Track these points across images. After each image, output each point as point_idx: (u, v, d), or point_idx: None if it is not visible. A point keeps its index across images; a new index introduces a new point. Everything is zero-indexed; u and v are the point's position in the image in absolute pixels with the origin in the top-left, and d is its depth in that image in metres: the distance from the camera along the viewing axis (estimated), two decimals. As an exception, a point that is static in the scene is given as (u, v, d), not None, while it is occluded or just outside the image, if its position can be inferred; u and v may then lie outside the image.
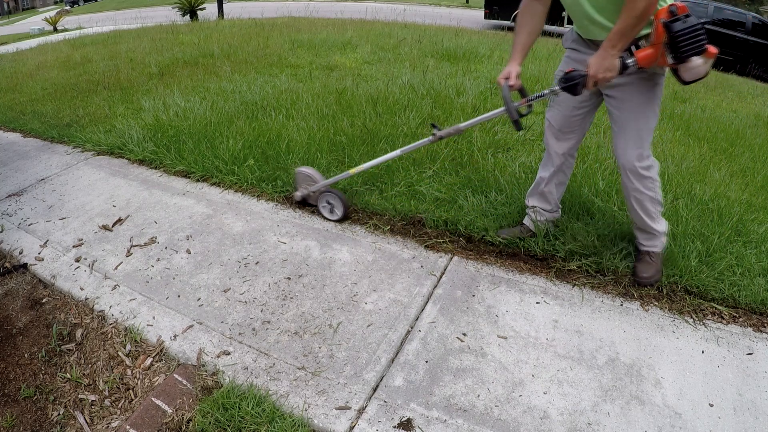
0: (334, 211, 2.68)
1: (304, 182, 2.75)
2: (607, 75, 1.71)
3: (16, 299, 2.35)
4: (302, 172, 2.74)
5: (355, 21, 10.90)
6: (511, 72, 1.97)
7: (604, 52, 1.69)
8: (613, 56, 1.68)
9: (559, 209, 2.41)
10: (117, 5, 29.81)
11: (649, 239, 2.16)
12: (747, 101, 5.94)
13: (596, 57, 1.72)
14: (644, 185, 1.99)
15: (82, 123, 4.29)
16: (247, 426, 1.60)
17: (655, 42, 1.68)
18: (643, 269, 2.14)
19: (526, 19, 1.99)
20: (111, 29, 11.46)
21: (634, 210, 2.08)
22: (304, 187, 2.75)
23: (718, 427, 1.58)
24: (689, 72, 1.65)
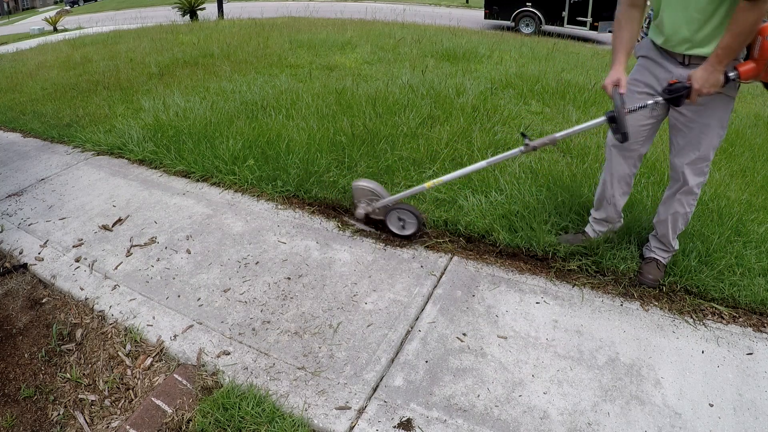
0: (406, 226, 2.49)
1: (365, 197, 2.49)
2: (711, 89, 1.71)
3: (16, 299, 2.35)
4: (362, 186, 2.47)
5: (354, 21, 10.90)
6: (620, 78, 1.89)
7: (711, 66, 1.69)
8: (719, 71, 1.69)
9: (621, 219, 2.38)
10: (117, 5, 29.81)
11: (662, 251, 2.19)
12: (747, 101, 5.93)
13: (702, 71, 1.71)
14: (688, 201, 2.03)
15: (82, 123, 4.29)
16: (247, 426, 1.60)
17: (758, 58, 1.68)
18: (650, 271, 2.17)
19: (626, 25, 1.96)
20: (111, 29, 11.46)
21: (665, 223, 2.10)
22: (365, 202, 2.50)
23: (718, 427, 1.58)
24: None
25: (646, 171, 3.02)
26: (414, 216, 2.43)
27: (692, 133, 1.91)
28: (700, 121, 1.87)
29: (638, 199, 2.62)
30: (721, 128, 1.89)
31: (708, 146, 1.90)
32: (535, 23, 13.85)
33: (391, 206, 2.47)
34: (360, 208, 2.51)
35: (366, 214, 2.52)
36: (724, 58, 1.67)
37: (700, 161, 1.93)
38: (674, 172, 2.02)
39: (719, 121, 1.87)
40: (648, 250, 2.23)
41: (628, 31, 1.96)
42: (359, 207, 2.51)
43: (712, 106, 1.84)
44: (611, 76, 1.91)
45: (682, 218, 2.08)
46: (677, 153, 1.98)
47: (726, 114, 1.87)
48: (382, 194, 2.46)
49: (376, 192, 2.45)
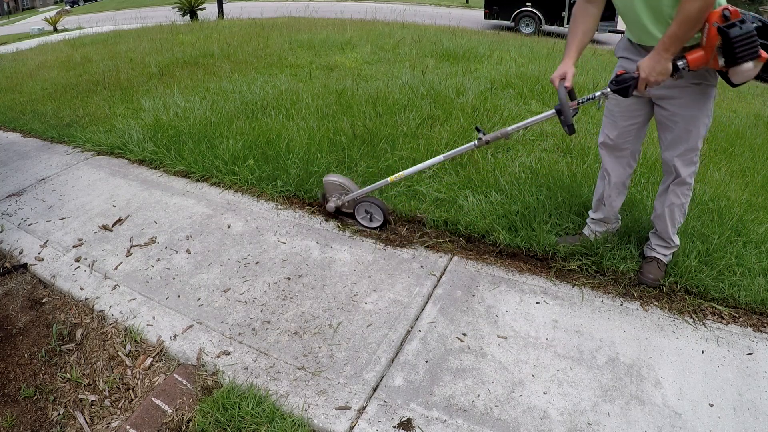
0: (373, 218, 2.59)
1: (335, 191, 2.60)
2: (659, 78, 1.71)
3: (16, 299, 2.35)
4: (332, 181, 2.58)
5: (354, 21, 10.90)
6: (567, 72, 1.91)
7: (657, 55, 1.69)
8: (666, 60, 1.68)
9: (619, 220, 2.39)
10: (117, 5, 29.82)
11: (663, 248, 2.18)
12: (747, 101, 5.94)
13: (648, 60, 1.72)
14: (682, 192, 2.03)
15: (82, 123, 4.29)
16: (247, 426, 1.60)
17: (706, 45, 1.67)
18: (650, 270, 2.16)
19: (581, 20, 1.98)
20: (111, 29, 11.46)
21: (662, 217, 2.10)
22: (336, 196, 2.61)
23: (718, 427, 1.58)
24: (739, 75, 1.66)
25: (646, 171, 3.02)
26: (380, 208, 2.54)
27: (677, 127, 1.91)
28: (684, 113, 1.87)
29: (638, 199, 2.63)
30: (706, 117, 1.89)
31: (695, 137, 1.90)
32: (535, 23, 13.86)
33: (359, 199, 2.57)
34: (331, 202, 2.63)
35: (336, 207, 2.64)
36: (670, 46, 1.66)
37: (689, 152, 1.94)
38: (666, 166, 2.03)
39: (702, 111, 1.87)
40: (649, 249, 2.23)
41: (582, 26, 1.98)
42: (330, 201, 2.64)
43: (693, 97, 1.84)
44: (559, 70, 1.93)
45: (678, 210, 2.07)
46: (666, 147, 1.99)
47: (709, 102, 1.87)
48: (352, 188, 2.57)
49: (345, 186, 2.58)
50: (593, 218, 2.35)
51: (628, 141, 2.10)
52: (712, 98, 1.87)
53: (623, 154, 2.14)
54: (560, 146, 3.46)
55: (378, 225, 2.60)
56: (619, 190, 2.23)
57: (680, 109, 1.87)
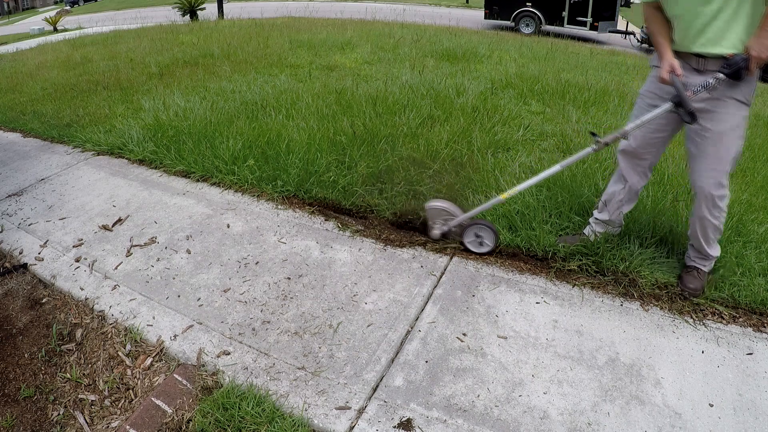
0: (484, 243, 2.40)
1: (439, 217, 2.44)
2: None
3: (16, 299, 2.35)
4: (435, 206, 2.42)
5: (354, 21, 10.90)
6: (674, 64, 1.88)
7: (763, 32, 1.71)
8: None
9: (621, 225, 2.38)
10: (117, 5, 29.82)
11: (700, 258, 2.17)
12: (747, 101, 5.92)
13: (756, 39, 1.73)
14: (713, 214, 2.00)
15: (82, 123, 4.29)
16: (247, 426, 1.60)
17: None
18: (690, 281, 2.14)
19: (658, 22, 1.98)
20: (111, 29, 11.46)
21: (695, 233, 2.09)
22: (441, 221, 2.45)
23: (718, 427, 1.58)
24: None
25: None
26: (491, 232, 2.36)
27: (707, 143, 1.90)
28: (714, 129, 1.87)
29: (638, 200, 2.62)
30: (738, 138, 1.88)
31: (725, 156, 1.89)
32: (535, 23, 13.86)
33: (467, 223, 2.40)
34: (436, 229, 2.47)
35: (442, 233, 2.47)
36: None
37: (717, 173, 1.92)
38: (694, 187, 2.01)
39: (734, 129, 1.86)
40: (688, 259, 2.21)
41: (662, 27, 1.97)
42: (435, 228, 2.47)
43: (726, 114, 1.84)
44: (665, 66, 1.89)
45: (711, 230, 2.05)
46: (694, 162, 1.97)
47: (740, 121, 1.86)
48: (456, 213, 2.40)
49: (449, 211, 2.41)
50: (597, 219, 2.34)
51: (649, 152, 2.10)
52: (743, 119, 1.87)
53: (642, 164, 2.14)
54: (560, 146, 3.46)
55: (489, 250, 2.41)
56: (631, 197, 2.23)
57: (711, 123, 1.87)
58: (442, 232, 2.47)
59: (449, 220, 2.43)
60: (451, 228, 2.44)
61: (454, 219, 2.41)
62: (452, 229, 2.44)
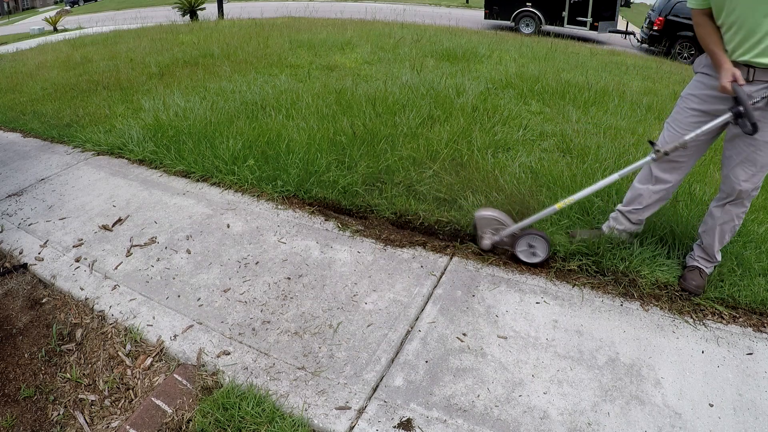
0: (536, 253, 2.32)
1: (489, 226, 2.35)
2: None
3: (16, 299, 2.35)
4: (485, 216, 2.34)
5: (354, 21, 10.91)
6: (736, 73, 1.83)
7: None
8: None
9: (642, 225, 2.36)
10: (117, 5, 29.82)
11: (705, 259, 2.18)
12: (747, 101, 5.92)
13: None
14: (737, 214, 2.04)
15: (82, 123, 4.29)
16: (247, 426, 1.60)
17: None
18: (693, 278, 2.15)
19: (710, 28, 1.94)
20: (111, 29, 11.46)
21: (711, 233, 2.10)
22: (491, 231, 2.36)
23: (718, 427, 1.58)
24: None
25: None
26: (545, 241, 2.28)
27: (753, 150, 1.89)
28: (762, 138, 1.85)
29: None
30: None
31: (765, 161, 1.89)
32: (535, 23, 13.87)
33: (519, 234, 2.31)
34: (486, 239, 2.38)
35: (493, 244, 2.39)
36: None
37: (757, 178, 1.93)
38: (728, 185, 2.00)
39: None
40: (691, 259, 2.21)
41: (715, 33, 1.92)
42: (485, 237, 2.38)
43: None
44: (726, 75, 1.84)
45: (729, 231, 2.07)
46: (733, 167, 1.96)
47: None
48: (507, 222, 2.32)
49: (500, 220, 2.33)
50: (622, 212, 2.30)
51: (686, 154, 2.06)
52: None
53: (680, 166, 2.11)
54: (560, 146, 3.47)
55: (540, 260, 2.33)
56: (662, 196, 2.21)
57: (760, 133, 1.84)
58: (494, 243, 2.37)
59: (500, 230, 2.34)
60: (503, 238, 2.34)
61: (505, 228, 2.32)
62: (504, 239, 2.35)
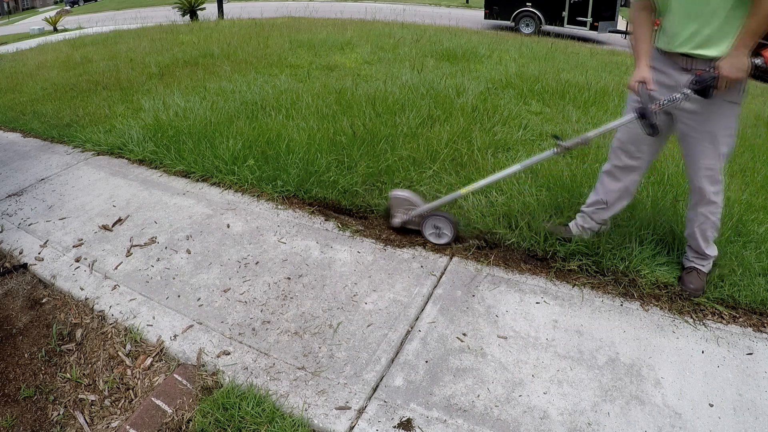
0: (442, 234, 2.47)
1: (402, 206, 2.52)
2: (738, 75, 1.73)
3: (16, 299, 2.35)
4: (399, 196, 2.51)
5: (354, 21, 10.90)
6: (646, 78, 1.94)
7: (736, 51, 1.72)
8: (744, 55, 1.71)
9: (608, 224, 2.39)
10: (117, 5, 29.82)
11: (699, 259, 2.18)
12: (747, 101, 5.93)
13: (727, 58, 1.74)
14: (710, 211, 2.03)
15: (82, 123, 4.29)
16: (247, 426, 1.60)
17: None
18: (691, 281, 2.15)
19: (644, 26, 2.02)
20: (111, 29, 11.46)
21: (693, 235, 2.11)
22: (402, 211, 2.52)
23: (718, 427, 1.58)
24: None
25: (647, 171, 3.02)
26: (450, 223, 2.42)
27: (698, 143, 1.93)
28: (704, 129, 1.89)
29: (638, 200, 2.62)
30: (728, 136, 1.90)
31: (715, 154, 1.91)
32: (535, 23, 13.86)
33: (426, 214, 2.46)
34: (397, 217, 2.54)
35: (402, 222, 2.54)
36: (749, 42, 1.70)
37: (710, 170, 1.95)
38: (691, 185, 2.04)
39: (724, 128, 1.88)
40: (687, 260, 2.21)
41: (645, 33, 2.01)
42: (396, 216, 2.53)
43: (715, 113, 1.85)
44: (636, 76, 1.95)
45: (710, 228, 2.08)
46: (689, 164, 2.01)
47: (731, 121, 1.88)
48: (418, 203, 2.47)
49: (411, 201, 2.48)
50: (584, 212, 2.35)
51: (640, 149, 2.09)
52: (733, 117, 1.88)
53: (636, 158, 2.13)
54: (560, 146, 3.46)
55: (447, 241, 2.46)
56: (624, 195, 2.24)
57: (700, 124, 1.89)
58: (403, 221, 2.53)
59: (411, 210, 2.50)
60: (412, 218, 2.50)
61: (415, 209, 2.48)
62: (413, 218, 2.51)
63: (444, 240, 2.47)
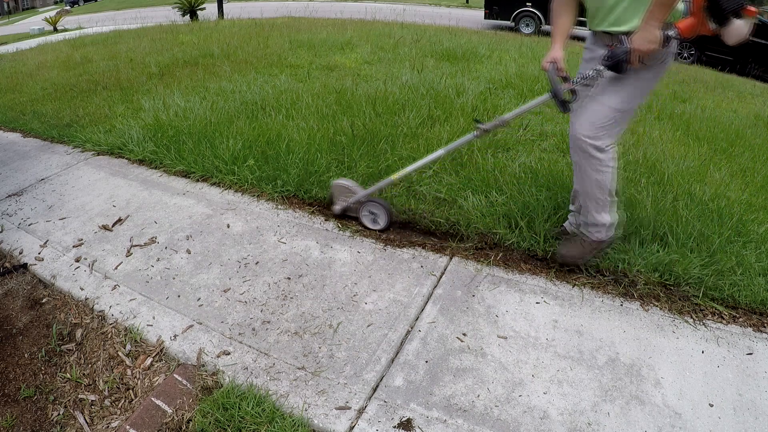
0: (377, 220, 2.59)
1: (342, 194, 2.65)
2: (650, 47, 1.73)
3: (16, 299, 2.35)
4: (339, 184, 2.64)
5: (354, 21, 10.90)
6: (557, 57, 2.01)
7: (646, 24, 1.72)
8: (654, 27, 1.71)
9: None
10: (117, 5, 29.82)
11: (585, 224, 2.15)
12: (747, 101, 5.93)
13: (638, 31, 1.75)
14: (591, 164, 1.97)
15: (82, 123, 4.29)
16: (247, 426, 1.60)
17: (695, 11, 1.72)
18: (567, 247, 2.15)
19: (562, 12, 2.07)
20: (111, 29, 11.46)
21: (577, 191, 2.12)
22: (342, 199, 2.65)
23: (718, 427, 1.58)
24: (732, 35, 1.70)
25: (646, 171, 3.03)
26: (384, 209, 2.55)
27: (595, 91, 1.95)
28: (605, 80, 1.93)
29: (638, 200, 2.63)
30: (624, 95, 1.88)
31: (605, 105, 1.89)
32: (535, 23, 13.85)
33: (363, 200, 2.59)
34: (337, 204, 2.69)
35: (342, 209, 2.68)
36: (658, 13, 1.69)
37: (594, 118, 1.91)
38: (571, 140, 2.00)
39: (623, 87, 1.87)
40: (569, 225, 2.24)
41: (563, 18, 2.09)
42: (337, 203, 2.69)
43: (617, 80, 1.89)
44: (548, 57, 2.04)
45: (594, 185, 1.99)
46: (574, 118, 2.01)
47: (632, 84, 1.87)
48: (357, 191, 2.60)
49: (351, 189, 2.62)
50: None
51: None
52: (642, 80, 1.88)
53: None
54: (560, 146, 3.46)
55: (382, 227, 2.58)
56: None
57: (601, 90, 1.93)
58: (343, 208, 2.67)
59: (350, 198, 2.62)
60: (350, 204, 2.63)
61: (354, 196, 2.60)
62: (351, 205, 2.64)
63: (379, 225, 2.59)
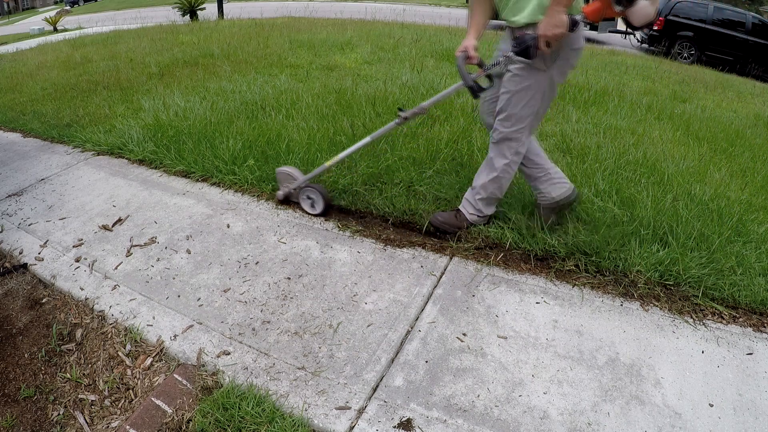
0: (314, 205, 2.72)
1: (286, 181, 2.78)
2: (556, 31, 1.77)
3: (16, 299, 2.35)
4: (282, 171, 2.78)
5: (354, 21, 10.90)
6: (468, 46, 2.15)
7: (551, 10, 1.77)
8: (559, 12, 1.75)
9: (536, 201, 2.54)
10: (117, 5, 29.81)
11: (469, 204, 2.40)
12: (747, 101, 5.94)
13: (545, 17, 1.79)
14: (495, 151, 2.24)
15: (82, 123, 4.28)
16: (247, 426, 1.60)
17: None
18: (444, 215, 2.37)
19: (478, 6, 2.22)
20: (111, 29, 11.46)
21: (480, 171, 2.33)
22: (285, 185, 2.79)
23: (718, 427, 1.58)
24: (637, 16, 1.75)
25: (647, 171, 3.03)
26: (320, 194, 2.66)
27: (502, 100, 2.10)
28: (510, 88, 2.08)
29: (638, 199, 2.63)
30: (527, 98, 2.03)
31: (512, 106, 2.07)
32: (535, 23, 13.83)
33: (302, 186, 2.71)
34: (281, 190, 2.81)
35: (285, 195, 2.81)
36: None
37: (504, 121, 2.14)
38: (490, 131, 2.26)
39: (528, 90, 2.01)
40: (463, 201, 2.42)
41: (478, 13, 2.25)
42: (281, 189, 2.82)
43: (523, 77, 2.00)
44: (461, 46, 2.16)
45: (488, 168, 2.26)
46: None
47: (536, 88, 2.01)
48: (298, 177, 2.72)
49: (293, 175, 2.74)
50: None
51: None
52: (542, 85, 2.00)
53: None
54: (560, 146, 3.47)
55: (319, 212, 2.71)
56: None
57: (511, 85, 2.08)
58: (285, 194, 2.79)
59: (291, 184, 2.75)
60: (291, 190, 2.76)
61: (294, 182, 2.73)
62: (292, 191, 2.76)
63: (317, 210, 2.71)
